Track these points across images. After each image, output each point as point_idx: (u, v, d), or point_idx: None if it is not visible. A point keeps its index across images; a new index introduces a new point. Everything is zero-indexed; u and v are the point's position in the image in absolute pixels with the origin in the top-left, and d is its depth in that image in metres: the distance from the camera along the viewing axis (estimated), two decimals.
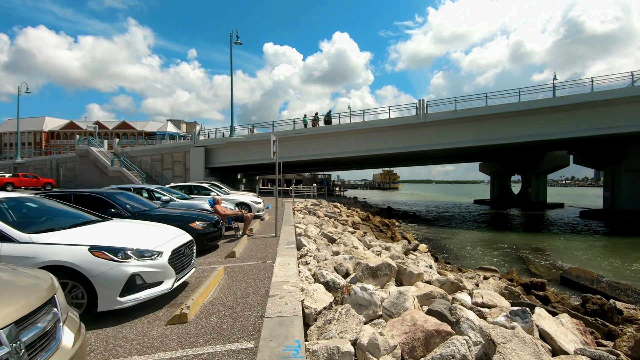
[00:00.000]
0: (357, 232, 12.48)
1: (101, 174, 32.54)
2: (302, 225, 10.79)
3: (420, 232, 19.04)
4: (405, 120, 24.27)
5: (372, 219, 20.23)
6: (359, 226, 15.69)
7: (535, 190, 38.33)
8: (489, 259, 12.10)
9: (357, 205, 24.58)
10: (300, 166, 42.29)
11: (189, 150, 32.05)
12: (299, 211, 16.04)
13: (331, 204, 21.17)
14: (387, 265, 5.69)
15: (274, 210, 15.28)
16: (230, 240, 7.83)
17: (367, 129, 25.49)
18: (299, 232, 8.94)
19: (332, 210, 19.38)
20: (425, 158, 35.89)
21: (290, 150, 28.23)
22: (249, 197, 12.35)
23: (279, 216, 12.54)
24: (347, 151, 26.66)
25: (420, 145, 24.46)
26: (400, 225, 20.61)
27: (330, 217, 15.66)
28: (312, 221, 12.94)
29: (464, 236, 17.71)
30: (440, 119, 23.32)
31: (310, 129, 27.42)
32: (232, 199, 11.67)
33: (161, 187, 9.75)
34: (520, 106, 21.40)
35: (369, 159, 32.25)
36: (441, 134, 23.82)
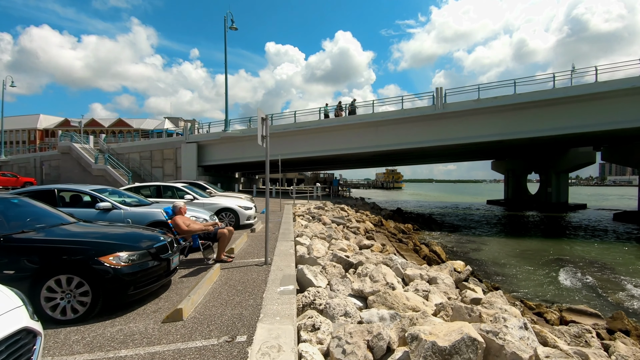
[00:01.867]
0: (375, 246, 9.70)
1: (84, 173, 29.86)
2: (305, 239, 8.02)
3: (443, 239, 16.24)
4: (421, 112, 21.44)
5: (385, 224, 17.43)
6: (374, 234, 12.90)
7: (556, 190, 35.42)
8: (552, 285, 9.29)
9: (366, 207, 21.82)
10: (301, 164, 39.51)
11: (180, 147, 29.33)
12: (300, 216, 13.26)
13: (337, 207, 18.40)
14: (470, 341, 2.95)
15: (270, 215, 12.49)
16: (195, 271, 5.08)
17: (376, 121, 22.68)
18: (301, 254, 6.16)
19: (340, 214, 16.59)
20: (437, 155, 33.07)
21: (291, 146, 25.44)
22: (236, 200, 9.60)
23: (275, 226, 9.75)
24: (354, 147, 23.86)
25: (437, 140, 21.63)
26: (419, 231, 17.81)
27: (338, 223, 12.88)
28: (318, 230, 10.17)
29: (497, 246, 14.91)
30: (461, 109, 20.48)
31: (313, 122, 24.62)
32: (213, 203, 8.92)
33: (112, 189, 6.98)
34: (555, 93, 18.53)
35: (377, 156, 29.43)
36: (461, 127, 20.99)
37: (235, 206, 8.94)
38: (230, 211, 8.92)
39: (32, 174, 36.90)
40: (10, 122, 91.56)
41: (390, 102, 24.25)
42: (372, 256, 7.27)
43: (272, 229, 9.27)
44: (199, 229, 5.28)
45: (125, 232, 4.07)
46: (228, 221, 8.97)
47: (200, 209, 8.49)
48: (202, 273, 4.96)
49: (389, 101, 25.09)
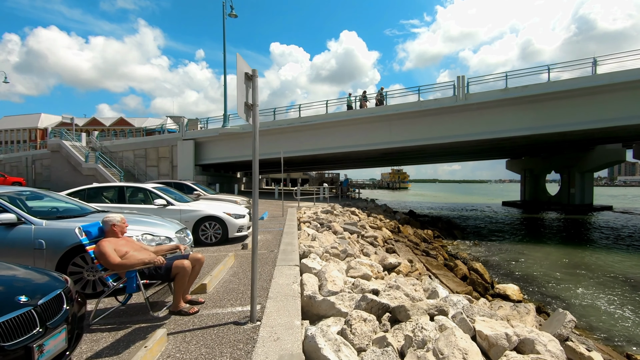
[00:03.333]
0: (403, 264, 7.51)
1: (74, 172, 27.94)
2: (314, 259, 5.87)
3: (472, 249, 14.00)
4: (440, 103, 19.17)
5: (403, 230, 15.22)
6: (394, 245, 10.70)
7: (580, 191, 32.93)
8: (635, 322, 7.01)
9: (379, 210, 19.60)
10: (306, 163, 37.35)
11: (176, 144, 27.31)
12: (306, 223, 11.09)
13: (347, 210, 16.22)
14: None
15: (270, 223, 10.35)
16: (112, 347, 2.92)
17: (389, 115, 20.44)
18: (310, 294, 3.96)
19: (351, 219, 14.40)
20: (452, 153, 30.72)
21: (295, 143, 23.30)
22: (225, 206, 7.44)
23: (274, 238, 7.58)
24: (364, 144, 21.66)
25: (458, 135, 19.36)
26: (441, 239, 15.56)
27: (351, 232, 10.70)
28: (329, 243, 8.00)
29: (539, 257, 12.63)
30: (485, 100, 18.19)
31: (319, 116, 22.43)
32: (193, 210, 6.76)
33: (32, 192, 4.77)
34: (598, 80, 16.17)
35: (388, 154, 27.20)
36: (485, 120, 18.70)
37: (222, 214, 6.80)
38: (216, 220, 6.79)
39: (24, 173, 35.21)
40: (11, 122, 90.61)
41: (404, 94, 21.92)
42: (408, 287, 5.09)
43: (271, 243, 7.11)
44: (140, 261, 3.13)
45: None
46: (213, 233, 6.83)
47: (174, 218, 6.37)
48: (139, 343, 2.80)
49: (397, 93, 22.82)
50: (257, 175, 3.29)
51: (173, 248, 3.66)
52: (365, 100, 21.67)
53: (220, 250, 6.42)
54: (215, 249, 6.47)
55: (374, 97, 21.63)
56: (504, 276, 9.63)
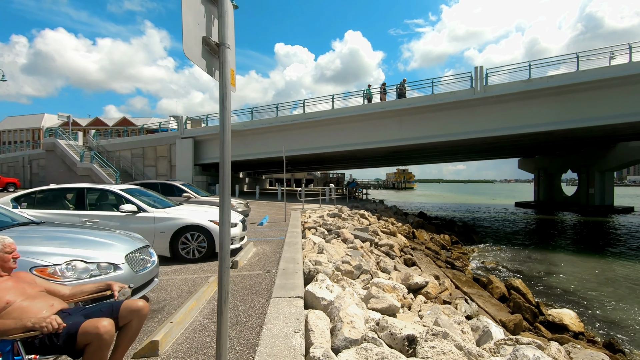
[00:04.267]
0: (431, 284, 6.09)
1: (69, 172, 26.86)
2: (323, 282, 4.47)
3: (496, 257, 12.50)
4: (456, 96, 17.67)
5: (418, 235, 13.77)
6: (412, 255, 9.28)
7: (599, 191, 31.16)
8: None
9: (389, 213, 18.15)
10: (311, 162, 36.00)
11: (174, 143, 26.06)
12: (311, 230, 9.70)
13: (356, 213, 14.81)
14: None
15: (270, 229, 8.98)
16: None
17: (400, 110, 18.99)
18: (318, 358, 2.54)
19: (361, 224, 12.99)
20: (464, 152, 29.12)
21: (299, 142, 21.94)
22: (211, 211, 6.03)
23: (273, 250, 6.19)
24: (373, 141, 20.22)
25: (475, 131, 17.84)
26: (460, 245, 14.05)
27: (364, 239, 9.29)
28: (339, 256, 6.62)
29: (574, 268, 11.10)
30: (506, 92, 16.66)
31: (325, 112, 21.02)
32: (171, 218, 5.33)
33: None
34: (633, 68, 14.60)
35: (398, 152, 25.71)
36: (506, 115, 17.17)
37: (208, 222, 5.39)
38: (200, 231, 5.40)
39: (21, 173, 34.22)
40: (14, 122, 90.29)
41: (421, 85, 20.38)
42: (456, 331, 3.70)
43: (269, 259, 5.73)
44: (21, 325, 1.77)
45: None
46: (196, 247, 5.46)
47: (146, 227, 5.03)
48: None
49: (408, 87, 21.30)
50: (228, 170, 1.91)
51: (100, 289, 2.27)
52: (385, 93, 20.03)
53: (203, 269, 5.05)
54: (197, 268, 5.10)
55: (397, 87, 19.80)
56: (545, 295, 8.15)
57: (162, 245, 5.28)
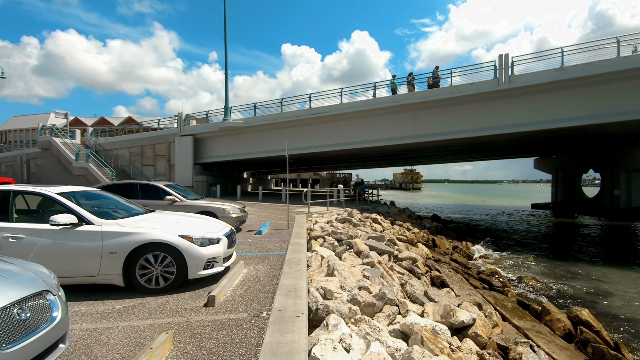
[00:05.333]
0: (479, 321, 4.52)
1: (65, 172, 25.69)
2: (333, 333, 2.95)
3: (529, 269, 10.84)
4: (477, 88, 16.00)
5: (439, 243, 12.16)
6: (441, 272, 7.71)
7: (625, 193, 29.10)
8: None
9: (403, 216, 16.55)
10: (317, 162, 34.48)
11: (173, 141, 24.73)
12: (319, 239, 8.19)
13: (367, 217, 13.26)
14: None
15: (269, 240, 7.48)
16: None
17: (415, 104, 17.37)
18: None
19: (374, 229, 11.44)
20: (480, 150, 27.31)
21: (305, 139, 20.46)
22: (188, 223, 4.47)
23: (270, 271, 4.67)
24: (384, 138, 18.63)
25: (498, 127, 16.16)
26: (488, 256, 12.38)
27: (381, 251, 7.74)
28: (354, 280, 5.11)
29: (626, 285, 9.42)
30: (535, 82, 14.95)
31: (332, 106, 19.48)
32: (123, 233, 3.77)
33: None
34: None
35: (410, 151, 24.06)
36: (535, 108, 15.47)
37: (177, 238, 3.91)
38: (167, 250, 3.90)
39: (19, 172, 33.29)
40: (21, 121, 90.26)
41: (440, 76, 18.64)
42: None
43: (261, 286, 4.22)
44: None
45: None
46: (161, 272, 3.95)
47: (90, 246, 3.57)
48: None
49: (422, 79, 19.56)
50: None
51: None
52: (412, 84, 18.12)
53: (165, 307, 3.53)
54: (157, 305, 3.59)
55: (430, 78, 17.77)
56: (612, 326, 6.52)
57: (112, 271, 3.81)
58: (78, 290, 4.08)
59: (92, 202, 4.60)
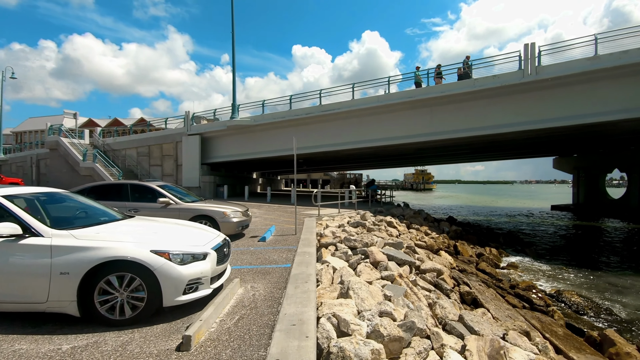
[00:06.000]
0: None
1: (72, 172, 25.40)
2: None
3: (567, 281, 9.68)
4: (501, 81, 14.84)
5: (461, 249, 11.09)
6: (471, 287, 6.69)
7: None
8: None
9: (418, 218, 15.48)
10: (328, 162, 33.55)
11: (181, 140, 24.13)
12: (330, 247, 7.27)
13: (382, 220, 12.26)
14: None
15: (273, 249, 6.59)
16: None
17: (432, 99, 16.30)
18: None
19: (390, 234, 10.45)
20: (499, 148, 25.95)
21: (315, 137, 19.57)
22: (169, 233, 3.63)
23: (269, 294, 3.74)
24: (398, 136, 17.59)
25: (525, 122, 14.95)
26: (517, 265, 11.22)
27: (400, 262, 6.77)
28: (374, 303, 4.15)
29: None
30: (566, 73, 13.71)
31: (344, 103, 18.52)
32: (79, 248, 2.94)
33: None
34: None
35: (425, 149, 22.93)
36: (565, 101, 14.23)
37: (148, 255, 3.06)
38: (134, 270, 3.03)
39: (29, 173, 33.30)
40: (35, 123, 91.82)
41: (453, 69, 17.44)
42: None
43: (257, 317, 3.31)
44: None
45: None
46: (127, 299, 3.06)
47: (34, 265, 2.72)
48: None
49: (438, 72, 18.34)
50: None
51: None
52: (440, 77, 16.76)
53: (122, 352, 2.63)
54: (110, 350, 2.67)
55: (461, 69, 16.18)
56: None
57: (64, 297, 2.95)
58: (30, 318, 3.24)
59: (54, 206, 3.78)
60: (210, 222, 7.12)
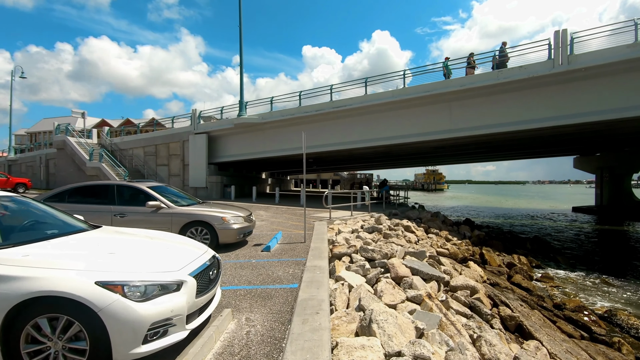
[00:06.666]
0: None
1: (79, 172, 25.00)
2: None
3: (612, 297, 8.51)
4: (528, 72, 13.62)
5: (489, 258, 9.99)
6: (512, 308, 5.64)
7: None
8: None
9: (435, 221, 14.37)
10: (339, 161, 32.55)
11: (187, 139, 23.46)
12: (344, 259, 6.30)
13: (397, 223, 11.23)
14: None
15: (278, 262, 5.65)
16: None
17: (451, 92, 15.17)
18: None
19: (409, 240, 9.43)
20: (519, 147, 24.52)
21: (325, 135, 18.62)
22: (132, 251, 2.76)
23: (266, 331, 2.76)
24: (414, 134, 16.50)
25: (556, 117, 13.70)
26: (552, 276, 10.05)
27: (426, 277, 5.76)
28: (404, 343, 3.16)
29: None
30: (603, 62, 12.44)
31: (356, 98, 17.50)
32: None
33: None
34: None
35: (442, 148, 21.73)
36: (599, 94, 12.94)
37: (90, 288, 2.17)
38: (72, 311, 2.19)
39: (38, 173, 33.20)
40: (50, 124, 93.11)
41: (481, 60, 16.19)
42: None
43: None
44: None
45: None
46: (63, 349, 2.19)
47: None
48: None
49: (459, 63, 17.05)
50: None
51: None
52: (473, 67, 15.37)
53: None
54: None
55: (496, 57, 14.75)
56: None
57: None
58: None
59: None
60: (207, 228, 6.23)
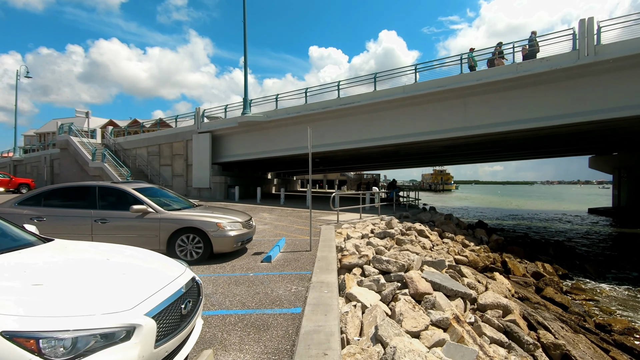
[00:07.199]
0: None
1: (82, 172, 24.56)
2: None
3: None
4: (550, 64, 12.68)
5: (512, 267, 9.14)
6: (553, 332, 4.79)
7: None
8: None
9: (449, 224, 13.50)
10: (346, 161, 31.75)
11: (191, 139, 22.89)
12: (355, 270, 5.53)
13: (409, 227, 10.42)
14: None
15: (281, 275, 4.88)
16: None
17: (466, 87, 14.30)
18: None
19: (423, 246, 8.63)
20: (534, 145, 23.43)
21: (332, 134, 17.86)
22: (49, 284, 2.00)
23: None
24: (426, 132, 15.66)
25: (581, 113, 12.73)
26: (582, 288, 9.15)
27: (450, 294, 4.95)
28: None
29: None
30: (632, 52, 11.47)
31: (366, 94, 16.70)
32: None
33: None
34: None
35: (455, 147, 20.81)
36: (629, 87, 11.95)
37: (32, 322, 1.52)
38: None
39: (43, 173, 32.98)
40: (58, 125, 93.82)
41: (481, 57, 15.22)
42: None
43: None
44: None
45: None
46: None
47: None
48: None
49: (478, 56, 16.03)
50: None
51: None
52: (502, 57, 14.37)
53: None
54: None
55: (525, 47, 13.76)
56: None
57: None
58: None
59: None
60: (199, 236, 5.52)
